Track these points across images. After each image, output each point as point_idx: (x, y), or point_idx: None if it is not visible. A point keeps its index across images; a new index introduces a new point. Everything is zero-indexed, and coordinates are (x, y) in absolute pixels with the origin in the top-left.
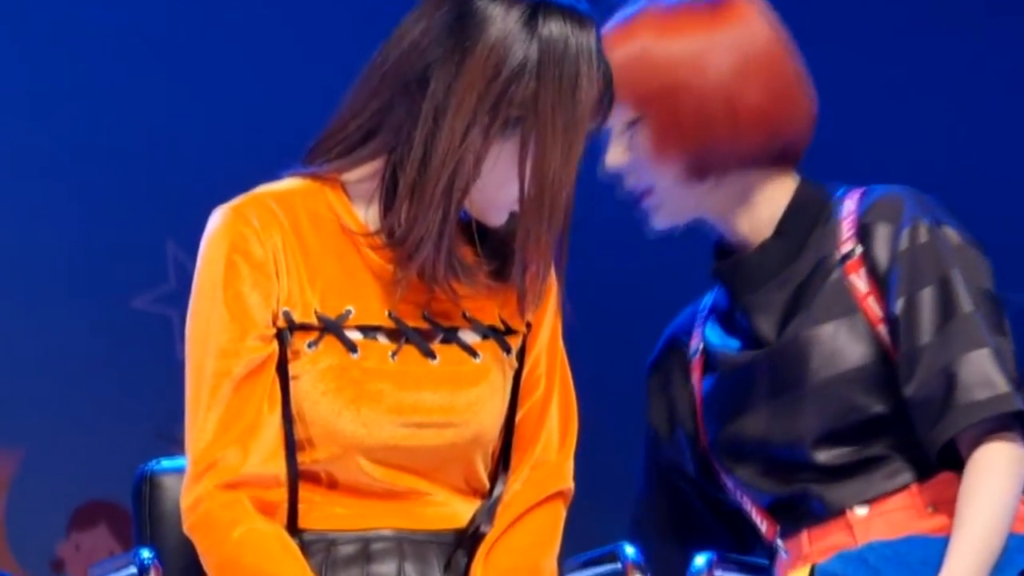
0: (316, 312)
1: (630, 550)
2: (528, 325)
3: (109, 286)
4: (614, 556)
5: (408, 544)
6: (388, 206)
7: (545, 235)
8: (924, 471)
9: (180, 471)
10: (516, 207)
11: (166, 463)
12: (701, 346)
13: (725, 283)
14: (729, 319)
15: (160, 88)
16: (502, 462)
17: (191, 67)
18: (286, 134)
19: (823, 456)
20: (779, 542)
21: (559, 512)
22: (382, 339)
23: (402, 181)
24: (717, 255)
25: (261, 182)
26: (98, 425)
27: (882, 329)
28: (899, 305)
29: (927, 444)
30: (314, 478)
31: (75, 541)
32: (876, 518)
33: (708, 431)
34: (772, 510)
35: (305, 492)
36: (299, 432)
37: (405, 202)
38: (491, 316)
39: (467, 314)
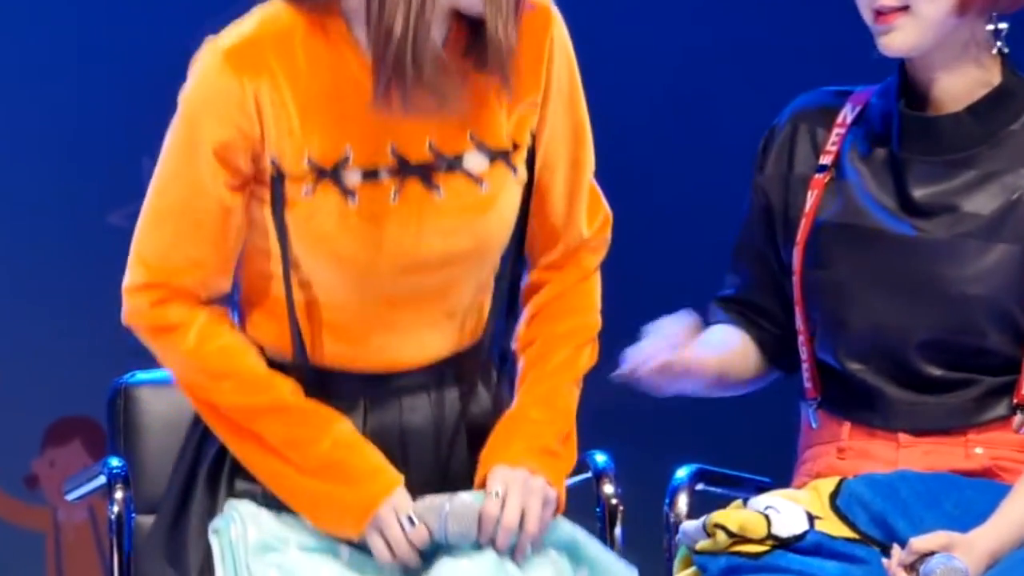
0: (308, 159)
1: (600, 458)
2: (532, 136)
3: (84, 201)
4: (585, 465)
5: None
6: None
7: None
8: (993, 413)
9: (155, 384)
10: None
11: (141, 376)
12: (832, 161)
13: (906, 128)
14: (880, 160)
15: (137, 3)
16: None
17: None
18: None
19: (917, 359)
20: (813, 410)
21: (595, 283)
22: (384, 177)
23: None
24: (904, 99)
25: None
26: (72, 341)
27: None
28: None
29: None
30: (320, 321)
31: (49, 457)
32: (922, 445)
33: (809, 261)
34: (827, 378)
35: (309, 333)
36: (298, 275)
37: (377, 13)
38: (499, 138)
39: (474, 135)
